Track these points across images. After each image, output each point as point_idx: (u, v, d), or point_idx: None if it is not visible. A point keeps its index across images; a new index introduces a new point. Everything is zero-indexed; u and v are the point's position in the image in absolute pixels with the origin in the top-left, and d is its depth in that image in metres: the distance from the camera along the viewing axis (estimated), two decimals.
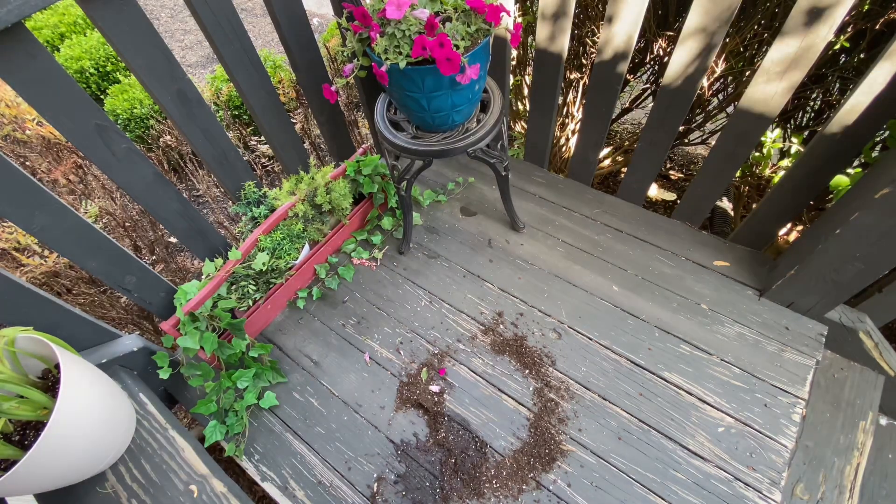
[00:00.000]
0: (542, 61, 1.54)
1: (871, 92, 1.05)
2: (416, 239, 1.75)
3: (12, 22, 0.85)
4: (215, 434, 1.31)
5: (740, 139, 1.34)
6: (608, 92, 1.48)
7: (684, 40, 1.23)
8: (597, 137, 1.64)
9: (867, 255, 1.15)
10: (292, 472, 1.28)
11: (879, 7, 1.41)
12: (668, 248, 1.62)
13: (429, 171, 1.96)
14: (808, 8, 1.03)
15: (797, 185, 1.34)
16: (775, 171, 1.88)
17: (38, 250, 2.08)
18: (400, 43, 1.01)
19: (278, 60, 2.89)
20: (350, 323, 1.56)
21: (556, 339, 1.44)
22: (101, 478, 1.17)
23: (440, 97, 1.12)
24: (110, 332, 1.35)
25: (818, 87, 1.73)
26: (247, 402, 1.36)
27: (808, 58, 1.10)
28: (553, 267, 1.61)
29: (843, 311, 1.39)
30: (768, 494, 1.14)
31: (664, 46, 1.94)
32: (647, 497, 1.16)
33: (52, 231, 1.10)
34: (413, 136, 1.28)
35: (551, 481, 1.20)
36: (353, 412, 1.37)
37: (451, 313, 1.54)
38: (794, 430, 1.22)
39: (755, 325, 1.41)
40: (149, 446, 1.22)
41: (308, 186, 1.53)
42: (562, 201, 1.80)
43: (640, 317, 1.46)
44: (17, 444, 1.01)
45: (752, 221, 1.52)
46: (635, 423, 1.27)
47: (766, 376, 1.31)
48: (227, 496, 1.14)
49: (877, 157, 1.39)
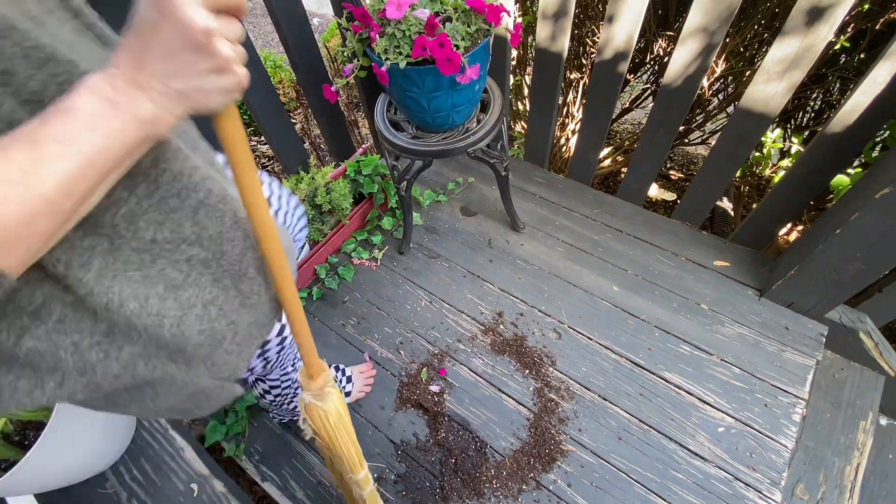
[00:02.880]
0: (542, 61, 1.54)
1: (871, 92, 1.05)
2: (416, 239, 1.75)
3: None
4: (215, 434, 1.31)
5: (740, 139, 1.34)
6: (608, 92, 1.48)
7: (684, 40, 1.23)
8: (597, 137, 1.64)
9: (867, 255, 1.14)
10: (292, 472, 1.28)
11: (879, 7, 1.41)
12: (668, 248, 1.62)
13: (429, 171, 1.96)
14: (809, 8, 1.02)
15: (797, 185, 1.34)
16: (775, 171, 1.88)
17: None
18: (400, 43, 1.01)
19: (278, 60, 2.89)
20: (350, 323, 1.56)
21: (556, 339, 1.44)
22: (101, 478, 1.17)
23: (440, 97, 1.12)
24: None
25: (818, 87, 1.73)
26: (247, 402, 1.36)
27: (808, 58, 1.10)
28: (553, 267, 1.61)
29: (843, 311, 1.39)
30: (768, 494, 1.14)
31: (664, 46, 1.94)
32: (647, 497, 1.16)
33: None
34: (413, 136, 1.28)
35: (551, 481, 1.20)
36: (353, 412, 1.37)
37: (451, 313, 1.54)
38: (794, 431, 1.22)
39: (755, 326, 1.41)
40: (149, 446, 1.22)
41: (308, 186, 1.53)
42: (562, 201, 1.80)
43: (640, 317, 1.46)
44: (17, 444, 1.01)
45: (752, 221, 1.52)
46: (635, 424, 1.27)
47: (766, 376, 1.31)
48: (227, 496, 1.14)
49: (877, 157, 1.39)
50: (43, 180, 0.32)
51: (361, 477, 0.85)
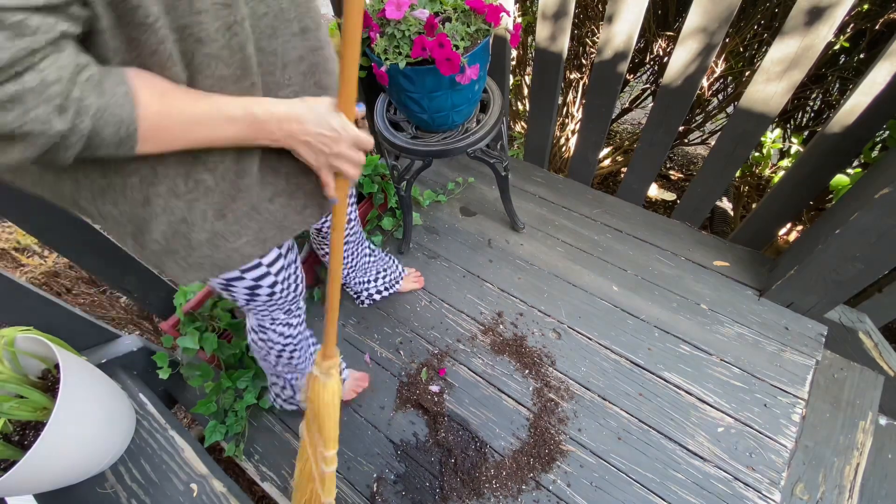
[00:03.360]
0: (542, 61, 1.54)
1: (870, 92, 1.05)
2: (416, 239, 1.75)
3: None
4: (215, 434, 1.31)
5: (740, 139, 1.34)
6: (608, 92, 1.48)
7: (684, 40, 1.23)
8: (597, 137, 1.64)
9: (867, 255, 1.14)
10: (292, 472, 1.28)
11: (879, 7, 1.41)
12: (668, 248, 1.62)
13: (429, 171, 1.96)
14: (808, 8, 1.02)
15: (797, 185, 1.34)
16: (775, 171, 1.88)
17: (38, 250, 2.08)
18: (400, 43, 1.01)
19: None
20: (350, 323, 1.56)
21: (556, 339, 1.44)
22: (101, 478, 1.17)
23: (440, 97, 1.12)
24: (110, 332, 1.35)
25: (818, 87, 1.73)
26: (246, 402, 1.36)
27: (808, 58, 1.10)
28: (553, 267, 1.61)
29: (843, 311, 1.39)
30: (768, 494, 1.14)
31: (664, 46, 1.95)
32: (646, 497, 1.16)
33: (51, 231, 1.10)
34: (413, 136, 1.28)
35: (551, 481, 1.20)
36: (353, 412, 1.37)
37: (450, 313, 1.54)
38: (793, 430, 1.22)
39: (755, 325, 1.41)
40: (149, 446, 1.22)
41: None
42: (562, 201, 1.80)
43: (640, 317, 1.46)
44: (17, 444, 1.01)
45: (752, 221, 1.52)
46: (635, 423, 1.27)
47: (765, 376, 1.31)
48: (227, 496, 1.14)
49: (877, 157, 1.39)
50: (175, 125, 0.51)
51: (330, 454, 0.92)
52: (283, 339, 1.05)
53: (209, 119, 0.53)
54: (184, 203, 0.60)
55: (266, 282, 0.83)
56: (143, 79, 0.48)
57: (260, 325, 1.01)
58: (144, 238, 0.62)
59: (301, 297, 0.99)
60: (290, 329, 1.05)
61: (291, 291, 0.92)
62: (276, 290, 0.87)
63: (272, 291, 0.86)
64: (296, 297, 0.96)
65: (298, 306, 1.02)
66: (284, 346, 1.07)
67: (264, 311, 0.94)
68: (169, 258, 0.65)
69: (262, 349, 1.08)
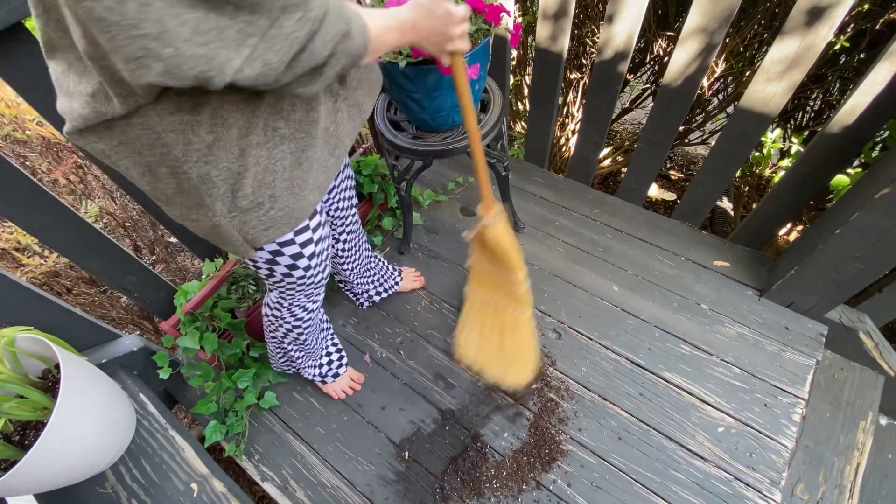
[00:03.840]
0: (542, 61, 1.54)
1: (871, 92, 1.05)
2: (416, 239, 1.75)
3: (12, 22, 0.85)
4: (215, 434, 1.31)
5: (740, 139, 1.34)
6: (608, 92, 1.48)
7: (684, 40, 1.23)
8: (597, 137, 1.64)
9: (867, 255, 1.14)
10: (292, 472, 1.28)
11: (879, 7, 1.41)
12: (668, 248, 1.62)
13: (429, 171, 1.96)
14: (809, 8, 1.03)
15: (797, 185, 1.34)
16: (775, 171, 1.88)
17: (38, 250, 2.08)
18: None
19: None
20: (350, 323, 1.56)
21: (556, 339, 1.44)
22: (101, 478, 1.17)
23: (440, 97, 1.12)
24: (110, 332, 1.35)
25: (818, 87, 1.73)
26: (247, 402, 1.36)
27: (808, 58, 1.10)
28: (553, 267, 1.61)
29: (843, 311, 1.39)
30: (768, 494, 1.14)
31: (664, 46, 1.95)
32: (647, 497, 1.16)
33: (52, 231, 1.10)
34: (413, 136, 1.28)
35: (551, 481, 1.20)
36: (354, 412, 1.37)
37: (451, 313, 1.54)
38: (794, 430, 1.22)
39: (755, 325, 1.41)
40: (149, 446, 1.22)
41: None
42: (562, 201, 1.80)
43: (640, 317, 1.46)
44: (17, 444, 1.01)
45: (752, 221, 1.52)
46: (635, 423, 1.27)
47: (766, 376, 1.31)
48: (227, 496, 1.14)
49: (877, 157, 1.39)
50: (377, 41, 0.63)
51: (523, 275, 1.10)
52: (297, 321, 1.10)
53: (388, 30, 0.65)
54: (265, 152, 0.64)
55: (307, 251, 0.86)
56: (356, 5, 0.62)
57: (279, 303, 1.05)
58: (236, 197, 0.66)
59: (325, 282, 1.03)
60: (307, 314, 1.09)
61: (320, 272, 0.96)
62: (311, 265, 0.90)
63: (308, 265, 0.89)
64: (323, 279, 0.99)
65: (320, 293, 1.06)
66: (294, 328, 1.12)
67: (291, 290, 0.98)
68: (253, 215, 0.69)
69: (273, 324, 1.12)
